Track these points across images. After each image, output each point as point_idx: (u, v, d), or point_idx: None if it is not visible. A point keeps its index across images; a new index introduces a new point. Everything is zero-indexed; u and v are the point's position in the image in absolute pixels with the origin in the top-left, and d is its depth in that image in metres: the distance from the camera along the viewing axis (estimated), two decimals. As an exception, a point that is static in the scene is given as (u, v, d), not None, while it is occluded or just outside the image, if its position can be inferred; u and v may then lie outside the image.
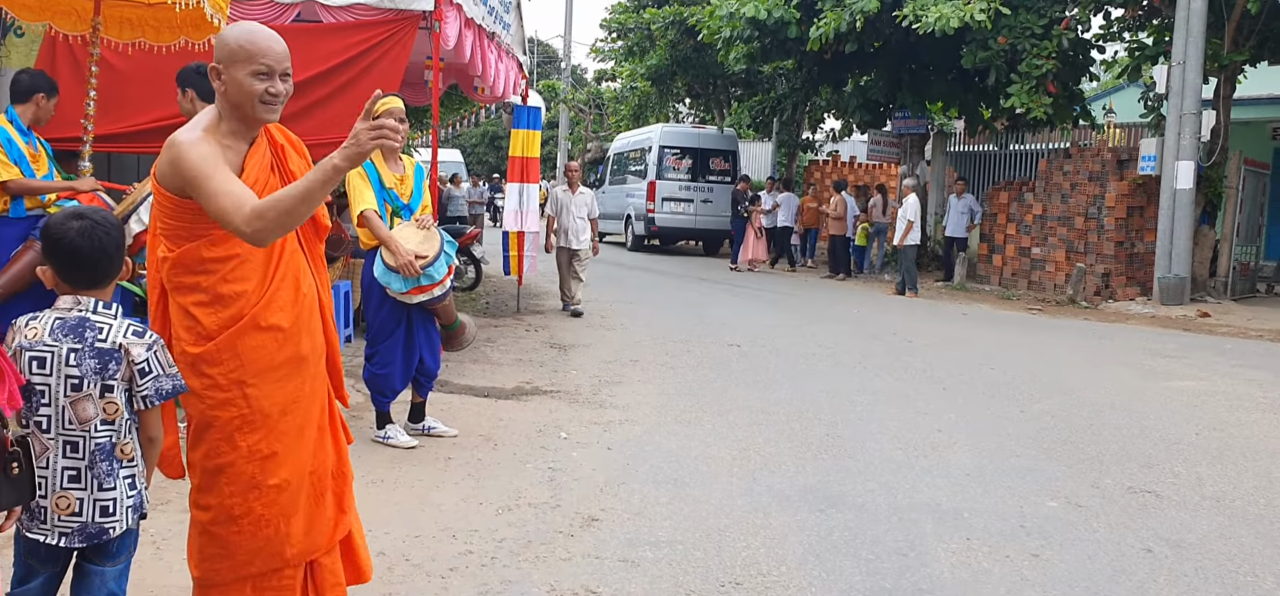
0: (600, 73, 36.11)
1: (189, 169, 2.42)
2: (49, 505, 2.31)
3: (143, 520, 2.52)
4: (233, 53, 2.52)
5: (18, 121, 5.12)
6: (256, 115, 2.55)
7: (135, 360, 2.34)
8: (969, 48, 15.12)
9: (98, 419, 2.32)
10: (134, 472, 2.42)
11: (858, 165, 25.48)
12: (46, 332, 2.32)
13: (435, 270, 5.10)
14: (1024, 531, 4.41)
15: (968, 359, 9.16)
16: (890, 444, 5.85)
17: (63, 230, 2.34)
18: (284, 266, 2.66)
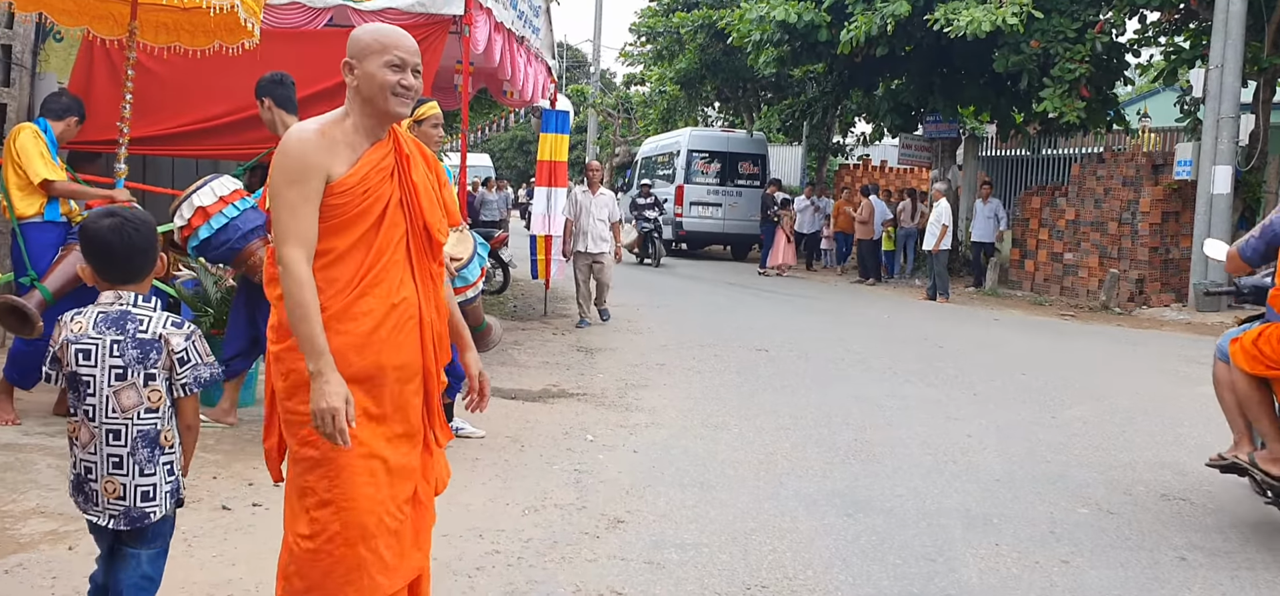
0: (629, 77, 36.13)
1: (277, 166, 2.43)
2: (99, 489, 2.44)
3: (180, 507, 2.58)
4: (366, 46, 2.51)
5: (50, 134, 5.22)
6: (388, 108, 2.51)
7: (175, 349, 2.43)
8: (1001, 51, 14.99)
9: (142, 407, 2.43)
10: (173, 459, 2.50)
11: (889, 169, 25.32)
12: (90, 326, 2.42)
13: (469, 272, 5.13)
14: (1054, 538, 4.36)
15: (998, 365, 9.08)
16: (919, 449, 5.81)
17: (97, 228, 2.45)
18: (378, 272, 2.56)
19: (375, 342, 2.54)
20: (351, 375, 2.49)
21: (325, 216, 2.47)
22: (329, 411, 2.37)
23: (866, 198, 18.44)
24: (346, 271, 2.51)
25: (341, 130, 2.51)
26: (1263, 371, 4.25)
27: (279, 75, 5.19)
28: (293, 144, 2.46)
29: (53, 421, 5.14)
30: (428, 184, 2.69)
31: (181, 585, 3.36)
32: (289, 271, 2.39)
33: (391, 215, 2.56)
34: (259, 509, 4.17)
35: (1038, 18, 14.36)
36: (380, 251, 2.55)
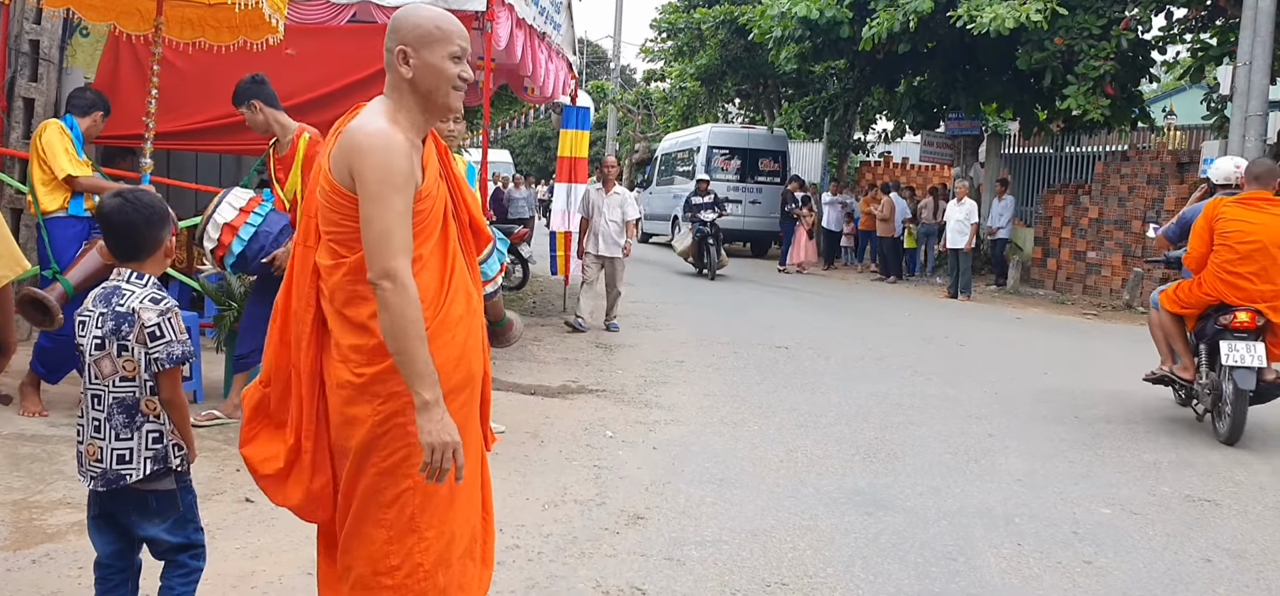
0: (649, 73, 36.13)
1: (377, 169, 2.21)
2: (84, 451, 2.53)
3: (180, 476, 2.59)
4: (427, 34, 2.31)
5: (76, 130, 5.26)
6: (446, 102, 2.36)
7: (146, 324, 2.47)
8: (1024, 49, 14.88)
9: (116, 376, 2.49)
10: (161, 429, 2.53)
11: (910, 166, 25.20)
12: (90, 301, 2.54)
13: (487, 267, 5.14)
14: (1077, 538, 4.32)
15: (1020, 364, 9.02)
16: (940, 448, 5.78)
17: (105, 206, 2.57)
18: (458, 276, 2.42)
19: (467, 354, 2.42)
20: (452, 390, 2.35)
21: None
22: (452, 445, 2.23)
23: (887, 195, 18.36)
24: (433, 281, 2.35)
25: (401, 128, 2.32)
26: (1179, 310, 6.48)
27: (257, 76, 5.22)
28: (390, 146, 2.23)
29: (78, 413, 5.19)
30: (463, 177, 2.56)
31: (205, 577, 3.38)
32: (404, 287, 2.19)
33: (448, 216, 2.44)
34: (281, 501, 4.20)
35: (1062, 14, 14.25)
36: (452, 254, 2.42)
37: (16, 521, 3.71)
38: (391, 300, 2.19)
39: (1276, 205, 6.08)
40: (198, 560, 2.64)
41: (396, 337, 2.20)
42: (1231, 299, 6.03)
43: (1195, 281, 6.28)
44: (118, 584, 2.61)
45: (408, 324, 2.19)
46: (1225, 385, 6.03)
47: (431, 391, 2.21)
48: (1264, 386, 5.97)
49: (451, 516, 2.42)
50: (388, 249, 2.20)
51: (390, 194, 2.21)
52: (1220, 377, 6.11)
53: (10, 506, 3.82)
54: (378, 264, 2.20)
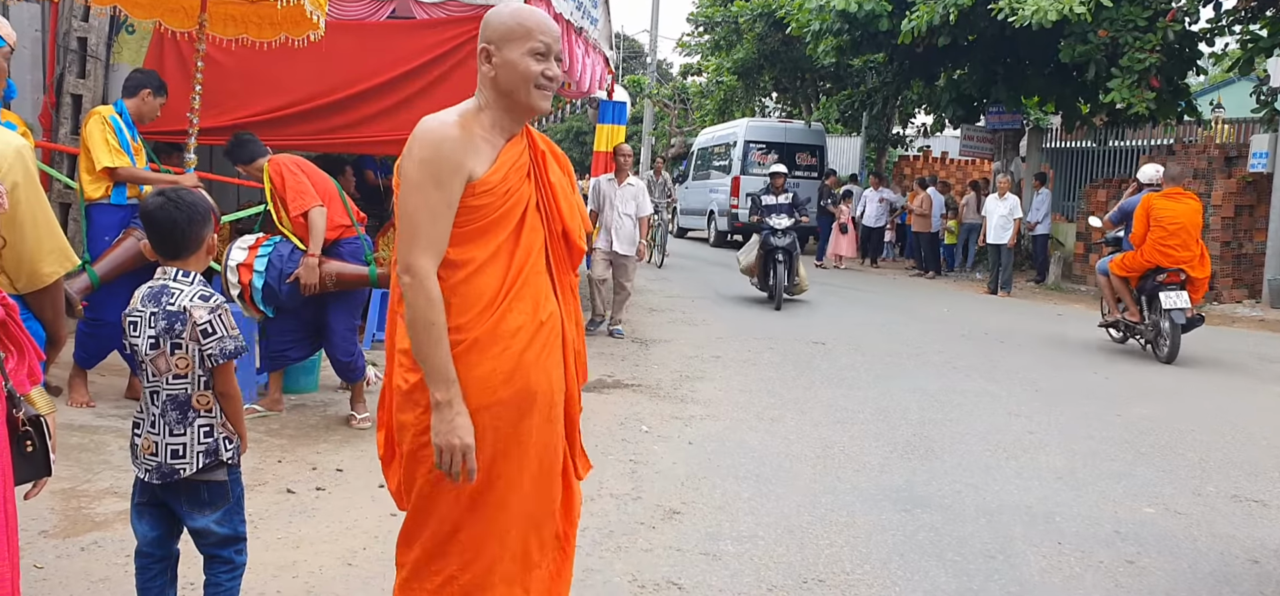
0: (686, 67, 36.06)
1: (419, 158, 2.19)
2: (140, 444, 2.57)
3: (231, 469, 2.63)
4: (509, 30, 2.25)
5: (126, 115, 5.35)
6: (529, 102, 2.28)
7: (198, 322, 2.51)
8: (1067, 41, 14.66)
9: (170, 373, 2.53)
10: (212, 423, 2.57)
11: (950, 161, 24.94)
12: (138, 300, 2.58)
13: None
14: (1119, 537, 4.27)
15: (1061, 360, 8.91)
16: (979, 445, 5.73)
17: (146, 206, 2.61)
18: (523, 284, 2.31)
19: (525, 366, 2.29)
20: (499, 403, 2.27)
21: (463, 220, 2.23)
22: (460, 447, 2.19)
23: (924, 190, 18.19)
24: (490, 285, 2.26)
25: (479, 124, 2.26)
26: (1126, 274, 9.14)
27: (238, 137, 5.48)
28: (437, 138, 2.20)
29: (124, 404, 5.29)
30: (564, 185, 2.45)
31: (247, 566, 3.43)
32: (422, 285, 2.16)
33: (530, 219, 2.32)
34: (322, 493, 4.26)
35: (1107, 6, 14.01)
36: (522, 261, 2.30)
37: (66, 510, 3.79)
38: (408, 295, 2.19)
39: (1189, 197, 8.95)
40: (242, 554, 2.69)
41: (412, 333, 2.20)
42: (1164, 263, 8.75)
43: (1137, 253, 8.93)
44: (158, 572, 2.66)
45: (424, 323, 2.17)
46: (1164, 322, 8.76)
47: (443, 391, 2.19)
48: (1188, 321, 8.73)
49: (495, 538, 2.34)
50: (412, 242, 2.18)
51: (428, 185, 2.17)
52: (1159, 317, 8.84)
53: (60, 495, 3.90)
54: (402, 256, 2.19)
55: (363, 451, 4.90)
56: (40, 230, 2.30)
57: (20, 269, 2.28)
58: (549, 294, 2.38)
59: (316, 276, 5.08)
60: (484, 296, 2.25)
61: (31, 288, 2.33)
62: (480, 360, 2.24)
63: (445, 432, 2.19)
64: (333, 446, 4.95)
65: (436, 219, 2.19)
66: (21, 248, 2.27)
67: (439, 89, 6.84)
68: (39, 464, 2.16)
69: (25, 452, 2.11)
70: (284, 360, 5.44)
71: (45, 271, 2.35)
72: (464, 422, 2.20)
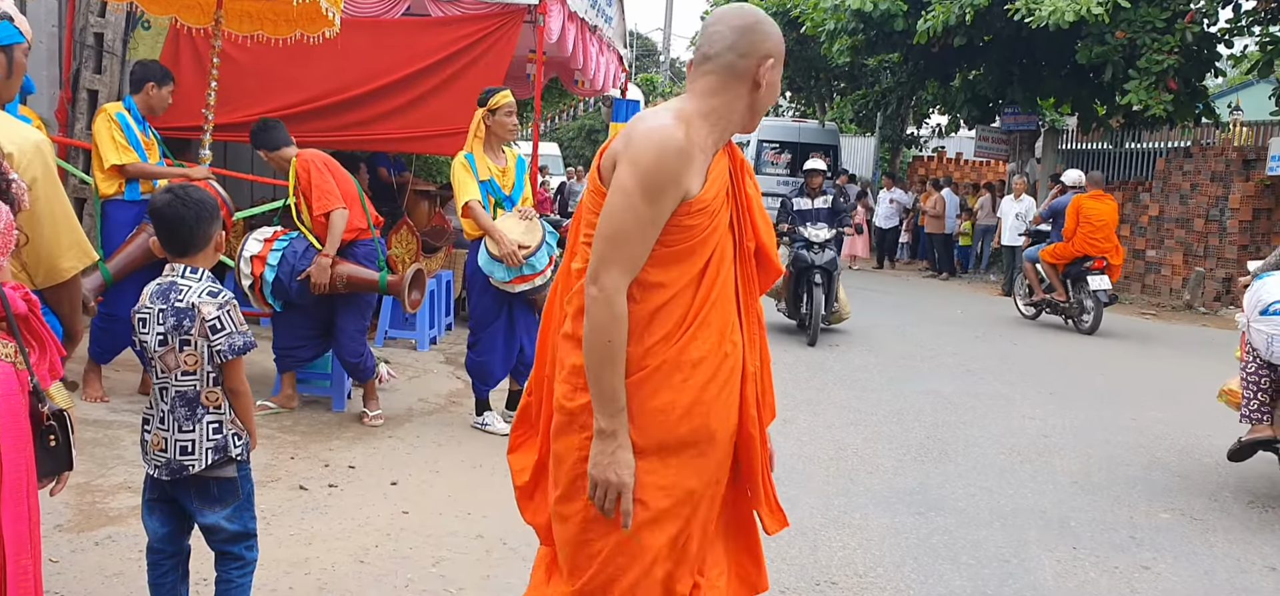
0: (700, 67, 35.94)
1: (638, 163, 1.96)
2: (150, 440, 2.58)
3: (241, 464, 2.62)
4: (778, 45, 2.10)
5: (135, 110, 5.37)
6: (757, 120, 2.16)
7: (207, 318, 2.51)
8: (1084, 42, 14.55)
9: (179, 369, 2.54)
10: (221, 419, 2.57)
11: (964, 162, 24.84)
12: (147, 297, 2.58)
13: (537, 260, 5.16)
14: (1134, 542, 4.23)
15: (1076, 362, 8.86)
16: (993, 448, 5.69)
17: (155, 203, 2.62)
18: (711, 308, 2.07)
19: (705, 401, 2.05)
20: (674, 441, 2.05)
21: (670, 239, 2.01)
22: (617, 485, 1.99)
23: (938, 191, 18.11)
24: (677, 311, 2.04)
25: (700, 134, 2.03)
26: (1056, 261, 10.80)
27: (264, 122, 5.44)
28: (662, 144, 1.96)
29: (138, 400, 5.31)
30: (757, 197, 2.22)
31: (260, 562, 3.43)
32: (610, 302, 1.96)
33: (723, 238, 2.10)
34: (335, 489, 4.26)
35: (1124, 7, 13.90)
36: (711, 284, 2.07)
37: (80, 504, 3.81)
38: (592, 309, 1.98)
39: (1108, 199, 10.79)
40: (252, 550, 2.69)
41: (588, 351, 1.99)
42: (1091, 252, 10.45)
43: (1068, 244, 10.60)
44: (169, 568, 2.67)
45: (605, 342, 1.96)
46: (1087, 300, 10.55)
47: (609, 421, 1.98)
48: (1109, 298, 10.50)
49: (677, 568, 2.09)
50: (608, 254, 1.96)
51: (640, 194, 1.95)
52: (1084, 296, 10.57)
53: (74, 489, 3.92)
54: (592, 264, 1.99)
55: (375, 448, 4.91)
56: (59, 226, 2.30)
57: (39, 264, 2.28)
58: (735, 322, 2.14)
59: (328, 276, 5.08)
60: (669, 321, 2.04)
61: (50, 283, 2.34)
62: (657, 391, 2.03)
63: (604, 465, 1.99)
64: (345, 443, 4.96)
65: (643, 234, 1.98)
66: (40, 243, 2.28)
67: (453, 86, 6.86)
68: (61, 458, 2.17)
69: (48, 447, 2.11)
70: (294, 359, 5.44)
71: (64, 267, 2.35)
72: (626, 457, 1.99)
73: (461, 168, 5.16)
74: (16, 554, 1.89)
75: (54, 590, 3.11)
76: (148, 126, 5.43)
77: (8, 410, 1.88)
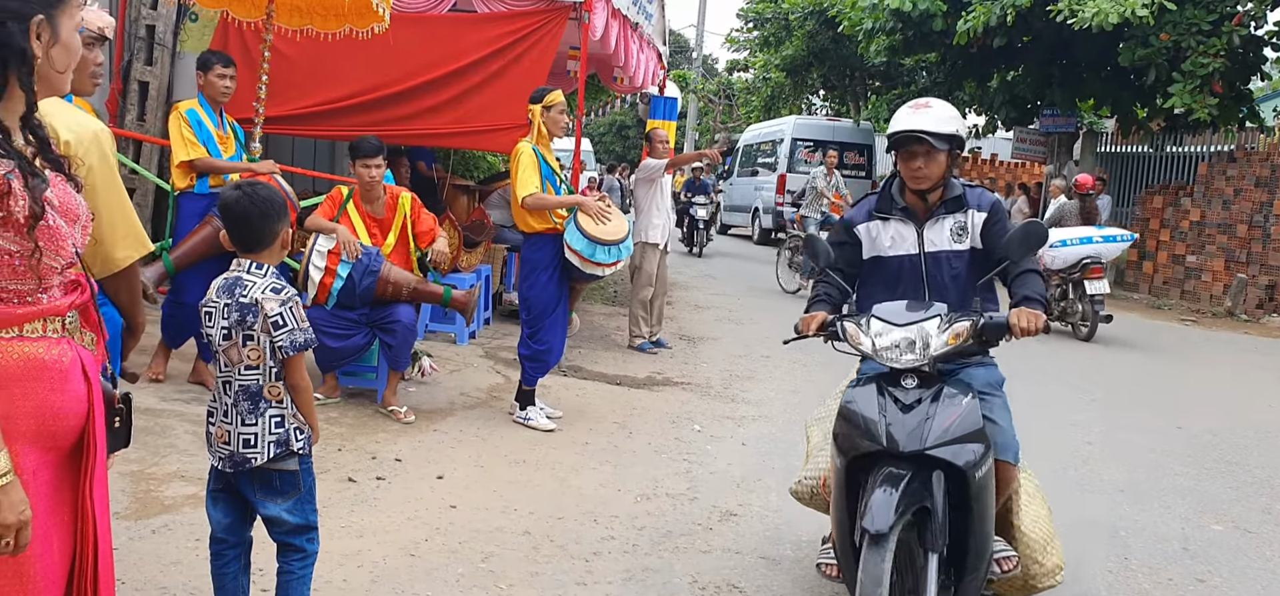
0: (732, 63, 35.91)
1: None
2: (214, 432, 2.62)
3: (303, 458, 2.65)
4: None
5: (206, 105, 5.44)
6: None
7: (269, 314, 2.54)
8: (1127, 44, 14.36)
9: (242, 364, 2.58)
10: (283, 413, 2.60)
11: (1000, 163, 24.60)
12: (214, 291, 2.62)
13: (627, 245, 5.23)
14: (1187, 555, 4.18)
15: (1117, 369, 8.75)
16: (1036, 454, 5.61)
17: (225, 198, 2.65)
18: None
19: None
20: None
21: None
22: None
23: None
24: None
25: None
26: None
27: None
28: None
29: (189, 389, 5.37)
30: None
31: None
32: None
33: None
34: (382, 482, 4.29)
35: (1170, 10, 13.70)
36: None
37: (136, 492, 3.86)
38: None
39: None
40: (313, 543, 2.71)
41: None
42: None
43: None
44: (232, 558, 2.70)
45: None
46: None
47: None
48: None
49: None
50: None
51: None
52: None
53: (130, 477, 3.97)
54: None
55: (421, 442, 4.94)
56: (115, 215, 2.33)
57: (96, 253, 2.31)
58: None
59: None
60: None
61: (106, 273, 2.36)
62: None
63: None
64: (391, 435, 4.99)
65: None
66: (97, 232, 2.30)
67: (498, 82, 6.88)
68: (121, 438, 2.17)
69: (113, 427, 2.14)
70: (337, 360, 5.43)
71: (118, 256, 2.37)
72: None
73: (530, 164, 5.17)
74: (104, 532, 1.94)
75: (116, 577, 3.15)
76: (224, 120, 5.49)
77: (99, 395, 1.91)
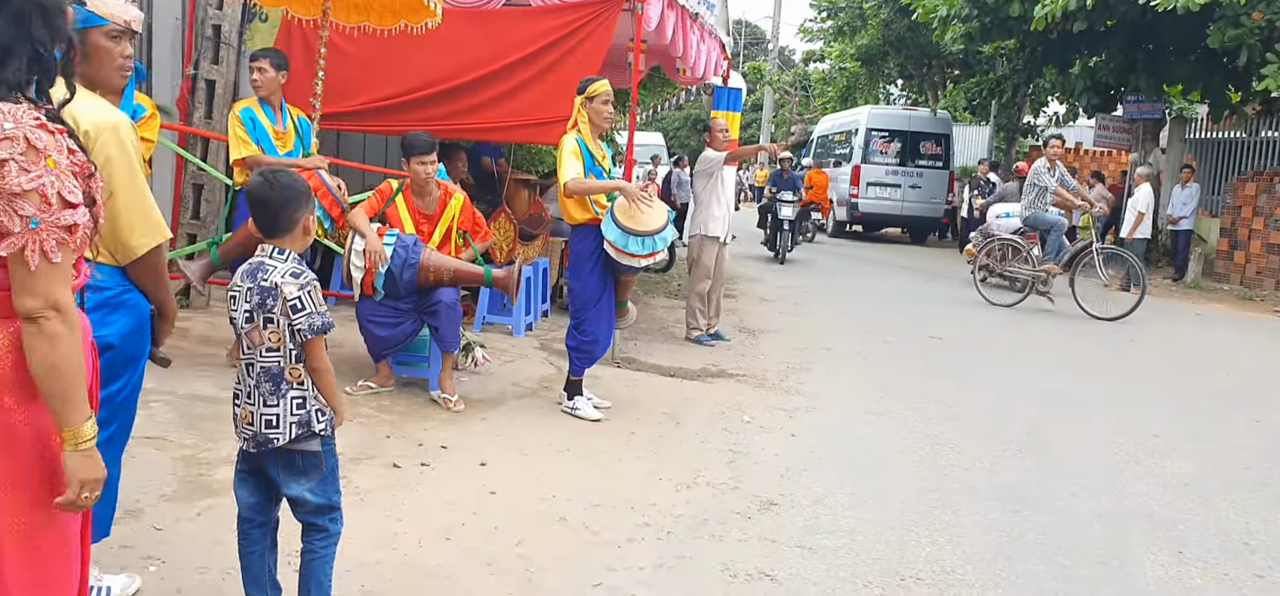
0: (808, 53, 35.53)
1: None
2: (239, 413, 2.69)
3: (325, 440, 2.71)
4: None
5: (266, 106, 5.59)
6: None
7: (288, 298, 2.59)
8: (1217, 25, 13.77)
9: (263, 346, 2.63)
10: (304, 395, 2.65)
11: (1084, 152, 23.86)
12: (239, 275, 2.69)
13: (666, 235, 5.23)
14: (1248, 549, 4.00)
15: (1198, 362, 8.42)
16: (1099, 446, 5.46)
17: (250, 185, 2.72)
18: None
19: None
20: None
21: None
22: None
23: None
24: None
25: None
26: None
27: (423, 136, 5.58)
28: None
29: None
30: None
31: (351, 536, 3.51)
32: None
33: None
34: (426, 469, 4.36)
35: (1261, -13, 13.11)
36: None
37: (186, 476, 3.99)
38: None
39: None
40: (336, 523, 2.77)
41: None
42: None
43: None
44: (258, 537, 2.78)
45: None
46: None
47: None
48: None
49: None
50: None
51: None
52: None
53: (182, 461, 4.11)
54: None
55: (468, 430, 5.00)
56: (133, 204, 2.41)
57: (116, 241, 2.39)
58: None
59: None
60: None
61: (126, 260, 2.44)
62: None
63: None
64: (439, 424, 5.07)
65: None
66: (115, 220, 2.38)
67: (551, 75, 6.91)
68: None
69: None
70: (388, 347, 5.54)
71: (135, 244, 2.45)
72: None
73: (572, 152, 5.21)
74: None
75: (158, 556, 3.27)
76: (285, 116, 5.63)
77: None
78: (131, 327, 2.65)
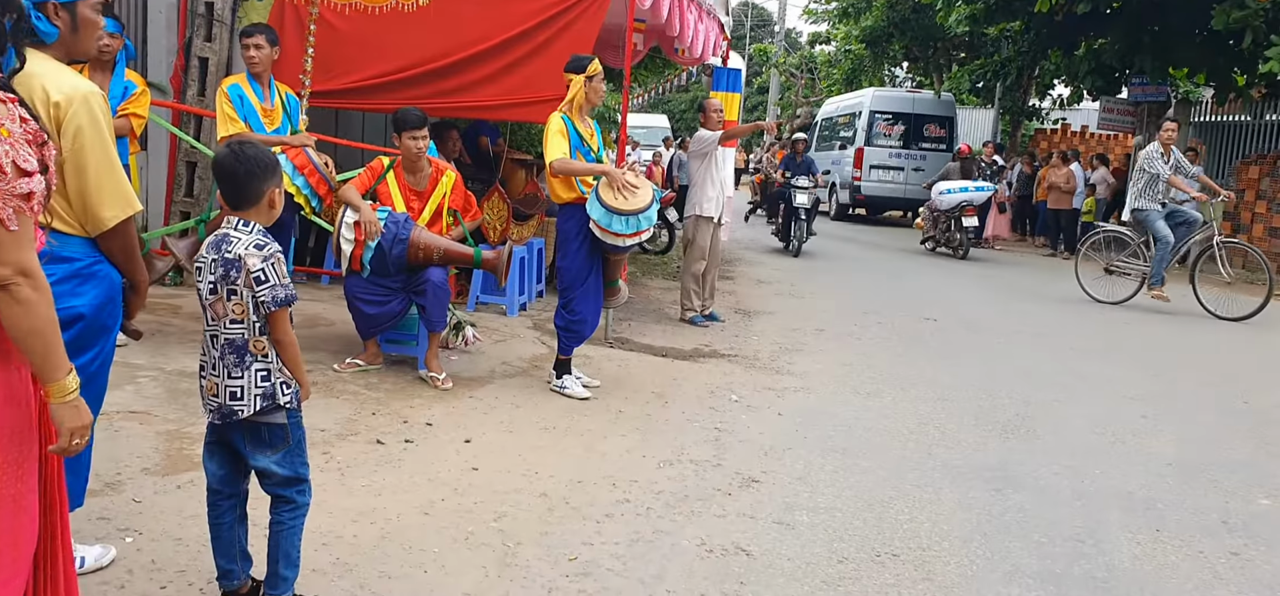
0: (814, 35, 35.37)
1: None
2: (204, 386, 2.71)
3: (290, 412, 2.72)
4: None
5: (252, 79, 5.59)
6: None
7: (251, 269, 2.59)
8: (1221, 7, 13.69)
9: (227, 318, 2.64)
10: (268, 367, 2.66)
11: (1089, 135, 23.74)
12: (205, 247, 2.69)
13: (650, 215, 5.23)
14: (1226, 528, 4.01)
15: (1191, 344, 8.41)
16: (1085, 427, 5.47)
17: (216, 156, 2.73)
18: None
19: None
20: None
21: None
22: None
23: (1067, 165, 17.33)
24: None
25: None
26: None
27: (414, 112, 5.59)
28: None
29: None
30: None
31: (330, 510, 3.57)
32: None
33: None
34: (410, 445, 4.39)
35: (1266, -32, 13.02)
36: None
37: (168, 449, 4.02)
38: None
39: None
40: (304, 495, 2.78)
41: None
42: None
43: None
44: (227, 508, 2.80)
45: None
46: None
47: None
48: None
49: None
50: None
51: None
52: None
53: (165, 436, 4.14)
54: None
55: (454, 407, 5.03)
56: (103, 176, 2.42)
57: (86, 212, 2.41)
58: None
59: None
60: None
61: (96, 231, 2.45)
62: None
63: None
64: (425, 401, 5.09)
65: None
66: (84, 191, 2.39)
67: (546, 53, 6.90)
68: None
69: None
70: (375, 325, 5.56)
71: (106, 216, 2.47)
72: None
73: (558, 131, 5.22)
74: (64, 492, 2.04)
75: (135, 527, 3.30)
76: (273, 93, 5.62)
77: None
78: (102, 299, 2.66)
